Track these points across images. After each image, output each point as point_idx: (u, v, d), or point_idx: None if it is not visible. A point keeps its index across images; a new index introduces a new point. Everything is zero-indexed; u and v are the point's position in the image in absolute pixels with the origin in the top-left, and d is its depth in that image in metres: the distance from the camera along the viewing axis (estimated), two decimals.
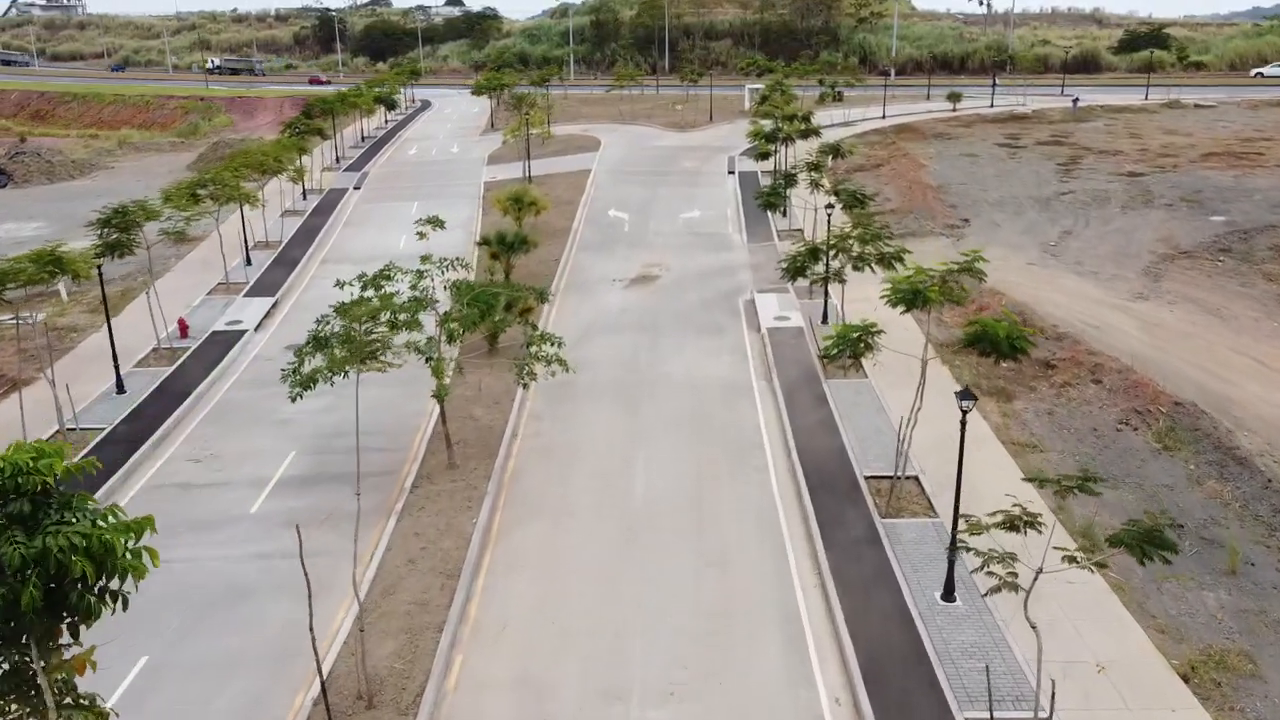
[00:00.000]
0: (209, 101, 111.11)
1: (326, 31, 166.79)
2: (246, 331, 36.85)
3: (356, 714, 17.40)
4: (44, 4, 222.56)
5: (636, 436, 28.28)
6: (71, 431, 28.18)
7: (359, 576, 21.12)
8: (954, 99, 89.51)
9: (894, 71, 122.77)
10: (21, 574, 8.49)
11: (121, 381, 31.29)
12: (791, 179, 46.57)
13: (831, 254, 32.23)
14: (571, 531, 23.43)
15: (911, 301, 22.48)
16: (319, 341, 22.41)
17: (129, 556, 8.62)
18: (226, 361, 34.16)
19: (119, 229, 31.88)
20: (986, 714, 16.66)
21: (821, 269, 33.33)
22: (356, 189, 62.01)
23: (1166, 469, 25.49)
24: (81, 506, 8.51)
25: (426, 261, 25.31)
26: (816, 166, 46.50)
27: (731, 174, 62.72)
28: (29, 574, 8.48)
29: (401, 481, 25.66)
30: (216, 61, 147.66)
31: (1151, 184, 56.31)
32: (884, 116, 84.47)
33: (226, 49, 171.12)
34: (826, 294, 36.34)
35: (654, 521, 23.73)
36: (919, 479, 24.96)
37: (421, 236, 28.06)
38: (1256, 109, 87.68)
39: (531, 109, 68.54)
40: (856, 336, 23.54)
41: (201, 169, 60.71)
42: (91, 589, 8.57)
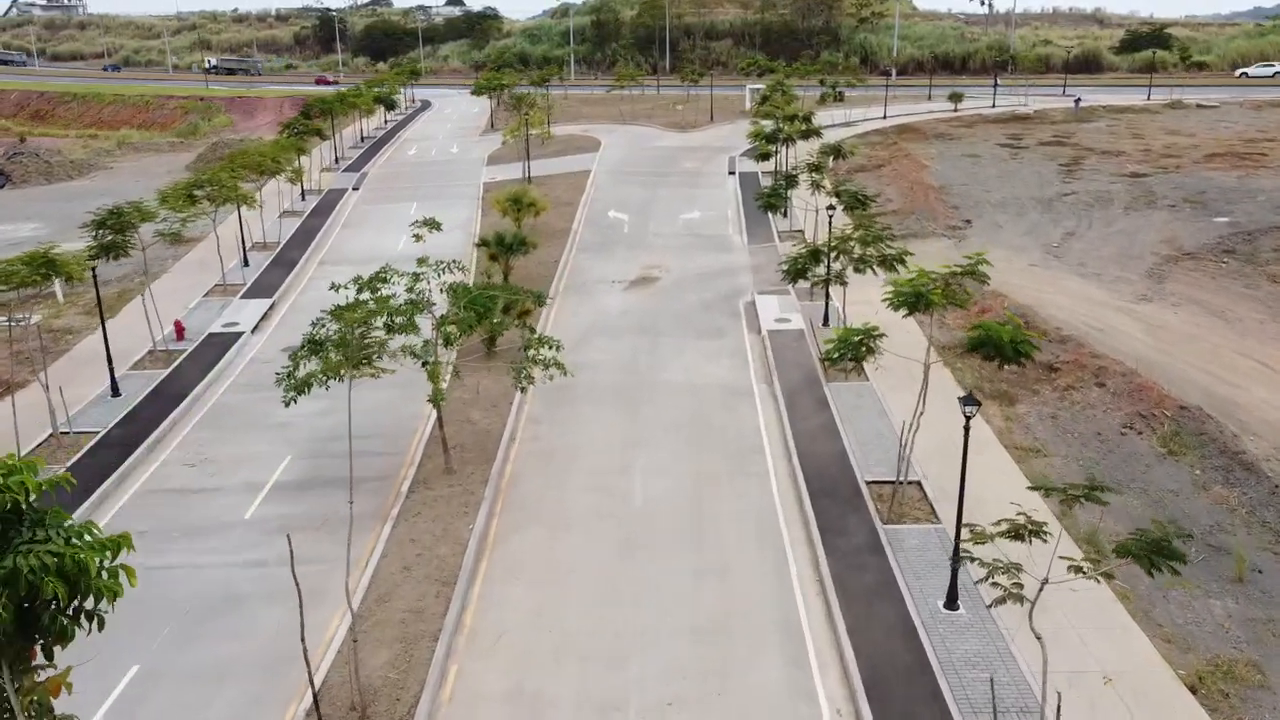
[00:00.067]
0: (209, 101, 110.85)
1: (327, 31, 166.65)
2: (243, 334, 36.56)
3: None
4: (44, 4, 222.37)
5: (636, 440, 27.99)
6: (65, 435, 27.90)
7: (354, 584, 20.91)
8: (955, 99, 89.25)
9: (895, 71, 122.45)
10: None
11: (116, 384, 31.01)
12: (792, 180, 46.25)
13: (833, 256, 31.93)
14: (569, 538, 23.13)
15: (914, 305, 22.18)
16: (314, 345, 22.11)
17: (104, 576, 8.33)
18: (223, 364, 33.87)
19: (114, 230, 31.63)
20: None
21: (822, 271, 33.03)
22: (355, 189, 61.74)
23: (1172, 474, 25.19)
24: (55, 524, 8.20)
25: (423, 264, 25.04)
26: (817, 167, 46.22)
27: (732, 175, 62.41)
28: None
29: (398, 486, 25.36)
30: (213, 61, 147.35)
31: (1154, 185, 56.00)
32: (885, 117, 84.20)
33: (227, 49, 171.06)
34: (828, 296, 36.04)
35: (653, 527, 23.44)
36: (921, 484, 24.67)
37: (418, 239, 27.77)
38: (1259, 109, 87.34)
39: (531, 109, 68.23)
40: (858, 340, 23.24)
41: (200, 169, 60.47)
42: (65, 610, 8.27)
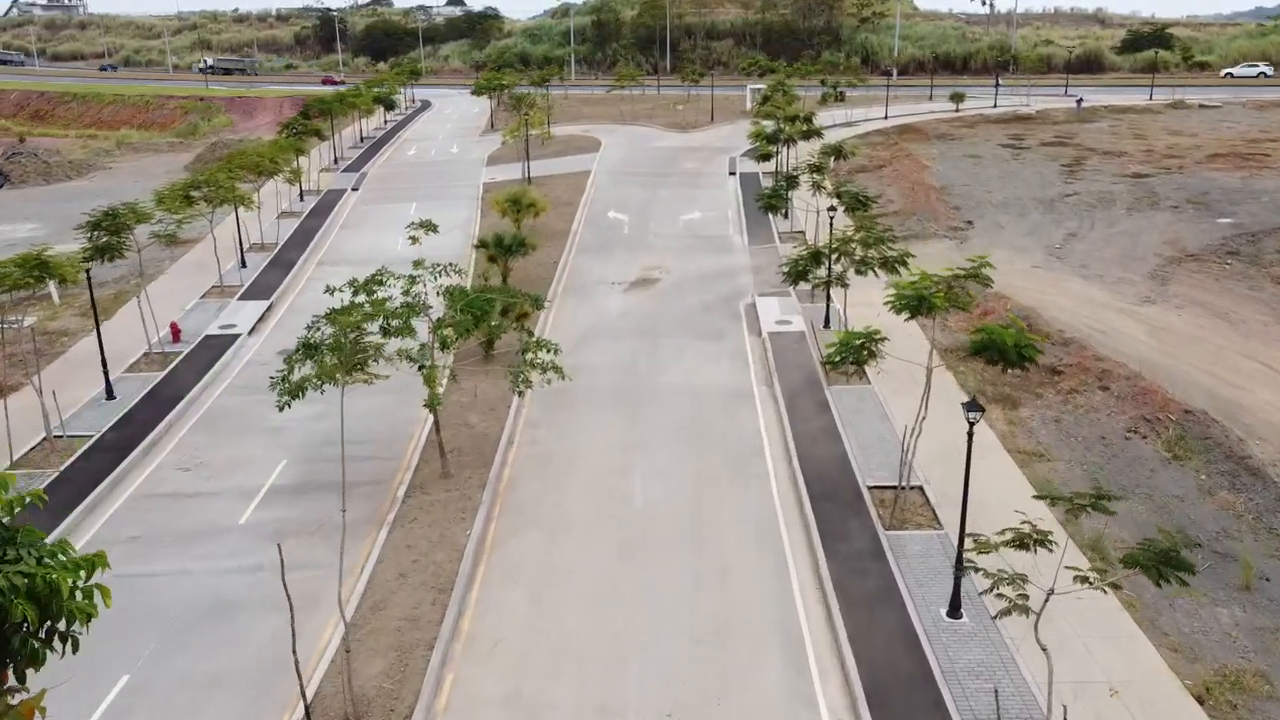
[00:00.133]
0: (209, 101, 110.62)
1: (327, 31, 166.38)
2: (240, 336, 36.30)
3: None
4: (45, 4, 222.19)
5: (635, 444, 27.71)
6: (59, 439, 27.63)
7: (349, 590, 20.63)
8: (957, 99, 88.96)
9: (896, 72, 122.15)
10: None
11: (111, 387, 30.74)
12: (793, 180, 45.98)
13: (834, 258, 31.66)
14: (567, 543, 22.85)
15: (916, 308, 21.92)
16: (309, 348, 21.84)
17: (78, 597, 8.05)
18: (219, 366, 33.61)
19: (109, 232, 31.38)
20: None
21: (823, 273, 32.76)
22: (355, 190, 61.48)
23: (1177, 479, 24.89)
24: (27, 543, 7.91)
25: (419, 266, 24.77)
26: (818, 168, 45.93)
27: (732, 175, 62.12)
28: None
29: (394, 491, 25.08)
30: (209, 61, 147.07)
31: (1157, 185, 55.70)
32: (886, 117, 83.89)
33: (227, 49, 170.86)
34: (829, 298, 35.76)
35: (652, 532, 23.16)
36: (923, 489, 24.38)
37: (414, 241, 27.50)
38: (1262, 109, 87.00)
39: (531, 109, 67.95)
40: (860, 343, 22.97)
41: (198, 170, 60.22)
42: (36, 633, 7.97)
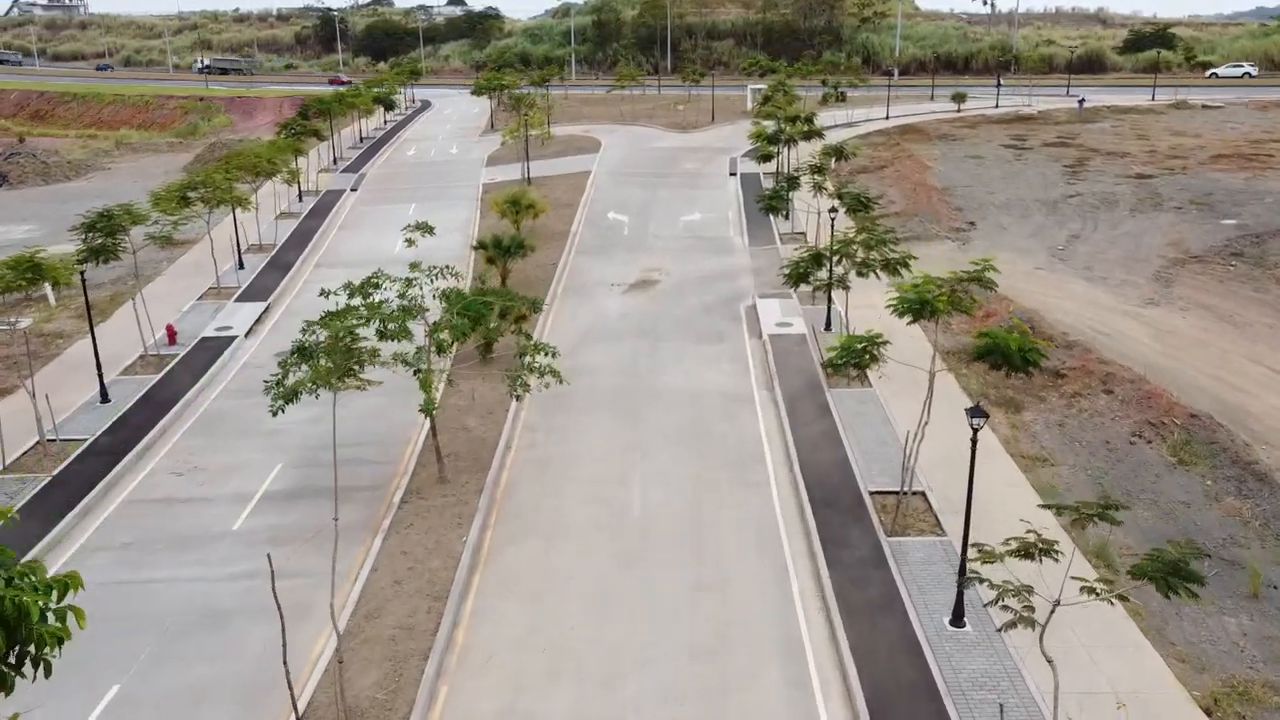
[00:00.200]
0: (208, 101, 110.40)
1: (328, 31, 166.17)
2: (236, 338, 36.01)
3: None
4: (45, 3, 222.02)
5: (634, 448, 27.41)
6: (52, 443, 27.35)
7: (343, 598, 20.36)
8: (958, 99, 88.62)
9: (897, 72, 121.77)
10: None
11: (105, 390, 30.45)
12: (794, 181, 45.68)
13: (835, 259, 31.35)
14: (565, 550, 22.55)
15: (919, 312, 21.61)
16: (303, 352, 21.56)
17: (49, 620, 7.76)
18: (215, 369, 33.33)
19: (103, 234, 31.09)
20: None
21: (824, 275, 32.45)
22: (354, 190, 61.20)
23: (1182, 485, 24.58)
24: None
25: (415, 269, 24.49)
26: (819, 169, 45.64)
27: (733, 176, 61.81)
28: None
29: (389, 497, 24.78)
30: (205, 61, 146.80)
31: (1160, 186, 55.37)
32: (888, 117, 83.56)
33: (228, 49, 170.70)
34: (830, 300, 35.45)
35: (651, 539, 22.85)
36: (926, 495, 24.08)
37: (410, 243, 27.22)
38: (1265, 110, 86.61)
39: (530, 110, 67.64)
40: (862, 347, 22.68)
41: (196, 170, 59.94)
42: (4, 658, 7.69)
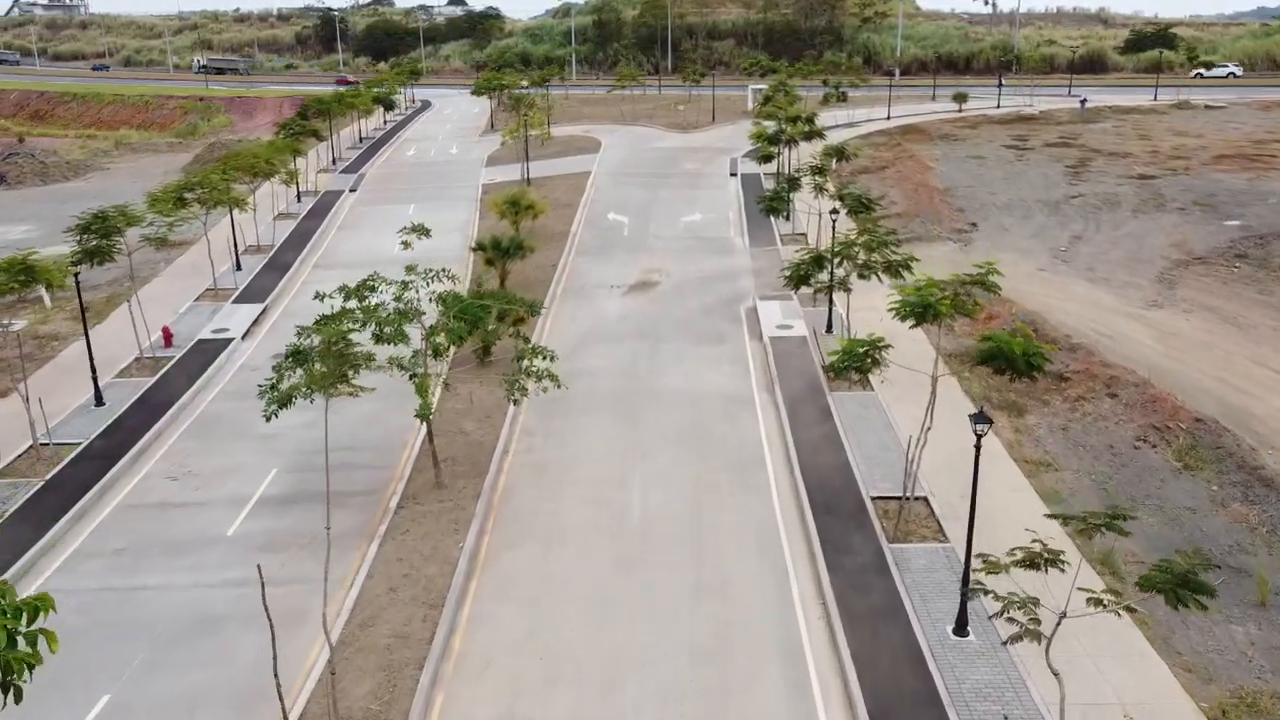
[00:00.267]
0: (208, 102, 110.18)
1: (328, 31, 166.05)
2: (233, 340, 35.74)
3: None
4: (46, 3, 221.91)
5: (633, 452, 27.13)
6: (45, 447, 27.08)
7: (337, 605, 20.08)
8: (960, 99, 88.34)
9: (899, 72, 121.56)
10: None
11: (100, 393, 30.18)
12: (795, 182, 45.40)
13: (836, 261, 31.07)
14: (563, 556, 22.27)
15: (921, 316, 21.33)
16: (298, 356, 21.28)
17: (20, 645, 7.49)
18: (211, 371, 33.06)
19: (98, 235, 30.82)
20: None
21: (826, 277, 32.16)
22: (353, 191, 60.93)
23: (1188, 490, 24.29)
24: None
25: (411, 272, 24.20)
26: (820, 169, 45.34)
27: (734, 176, 61.54)
28: None
29: (385, 502, 24.50)
30: (203, 61, 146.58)
31: (1163, 187, 55.06)
32: (889, 117, 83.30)
33: (228, 49, 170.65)
34: (831, 302, 35.17)
35: (650, 545, 22.57)
36: (929, 500, 23.79)
37: (406, 246, 26.95)
38: (1268, 110, 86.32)
39: (530, 110, 67.36)
40: (863, 351, 22.38)
41: (194, 171, 59.66)
42: None
